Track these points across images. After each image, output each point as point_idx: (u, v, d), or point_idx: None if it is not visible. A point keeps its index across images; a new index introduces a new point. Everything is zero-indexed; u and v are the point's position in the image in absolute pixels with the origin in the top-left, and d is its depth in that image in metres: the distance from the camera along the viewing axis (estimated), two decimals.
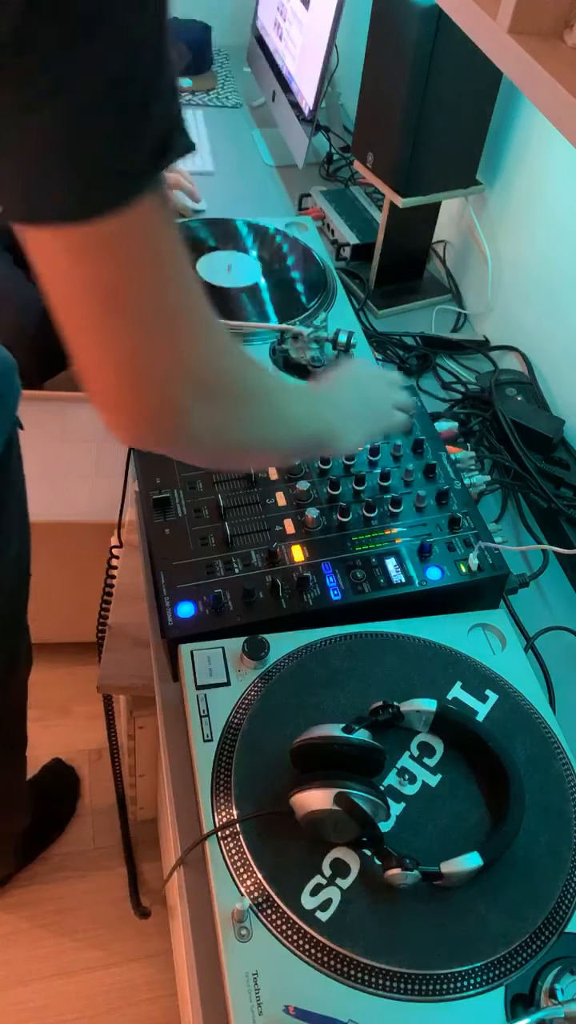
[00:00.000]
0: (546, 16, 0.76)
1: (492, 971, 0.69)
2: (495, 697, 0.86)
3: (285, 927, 0.70)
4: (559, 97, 0.71)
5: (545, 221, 1.34)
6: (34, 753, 1.81)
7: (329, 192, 1.73)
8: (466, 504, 1.02)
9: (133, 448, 1.08)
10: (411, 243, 1.54)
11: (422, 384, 1.39)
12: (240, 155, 1.90)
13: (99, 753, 1.83)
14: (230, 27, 2.24)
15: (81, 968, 1.56)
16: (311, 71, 1.65)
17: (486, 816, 0.78)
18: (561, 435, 1.24)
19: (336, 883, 0.72)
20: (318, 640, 0.89)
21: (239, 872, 0.73)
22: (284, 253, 1.40)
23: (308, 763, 0.75)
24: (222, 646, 0.88)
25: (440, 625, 0.92)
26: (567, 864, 0.75)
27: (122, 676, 1.38)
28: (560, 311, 1.31)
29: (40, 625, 1.88)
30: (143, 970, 1.57)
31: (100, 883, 1.66)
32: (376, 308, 1.52)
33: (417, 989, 0.68)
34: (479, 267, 1.53)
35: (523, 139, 1.38)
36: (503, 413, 1.24)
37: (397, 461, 1.06)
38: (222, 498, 1.00)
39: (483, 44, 0.82)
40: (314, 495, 1.02)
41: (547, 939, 0.72)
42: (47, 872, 1.66)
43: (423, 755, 0.81)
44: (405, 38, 1.25)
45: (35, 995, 1.53)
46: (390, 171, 1.38)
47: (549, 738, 0.84)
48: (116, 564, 1.44)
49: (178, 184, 1.61)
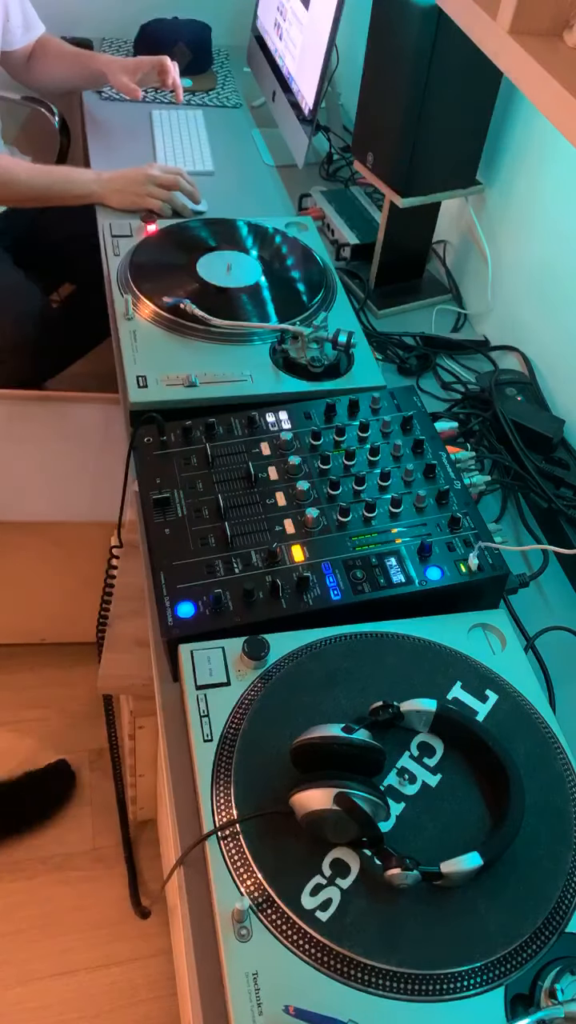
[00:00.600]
0: (546, 16, 0.76)
1: (492, 971, 0.69)
2: (495, 697, 0.86)
3: (285, 927, 0.70)
4: (559, 97, 0.71)
5: (545, 221, 1.34)
6: (35, 754, 1.82)
7: (329, 192, 1.73)
8: (466, 504, 1.02)
9: (133, 448, 1.08)
10: (411, 243, 1.54)
11: (422, 384, 1.39)
12: (240, 155, 1.90)
13: (99, 753, 1.83)
14: (230, 27, 2.24)
15: (81, 968, 1.56)
16: (311, 71, 1.65)
17: (486, 816, 0.78)
18: (561, 435, 1.24)
19: (336, 883, 0.72)
20: (318, 640, 0.89)
21: (239, 872, 0.73)
22: (284, 253, 1.40)
23: (308, 763, 0.75)
24: (222, 646, 0.88)
25: (440, 625, 0.92)
26: (567, 864, 0.75)
27: (122, 676, 1.38)
28: (560, 311, 1.31)
29: (40, 625, 1.90)
30: (143, 970, 1.57)
31: (100, 883, 1.66)
32: (376, 308, 1.52)
33: (417, 989, 0.68)
34: (479, 267, 1.53)
35: (523, 139, 1.38)
36: (503, 413, 1.24)
37: (397, 461, 1.06)
38: (222, 498, 1.00)
39: (483, 44, 0.82)
40: (314, 495, 1.02)
41: (547, 939, 0.72)
42: (47, 872, 1.66)
43: (423, 755, 0.81)
44: (405, 38, 1.25)
45: (35, 995, 1.53)
46: (390, 171, 1.38)
47: (549, 738, 0.84)
48: (116, 564, 1.44)
49: (178, 185, 1.61)
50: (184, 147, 1.86)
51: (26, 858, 1.68)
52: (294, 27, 1.77)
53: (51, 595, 1.82)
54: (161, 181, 1.61)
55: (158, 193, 1.60)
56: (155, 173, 1.61)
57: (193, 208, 1.66)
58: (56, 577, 1.76)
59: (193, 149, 1.86)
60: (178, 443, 1.07)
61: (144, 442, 1.07)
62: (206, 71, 2.14)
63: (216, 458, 1.05)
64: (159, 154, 1.83)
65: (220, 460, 1.05)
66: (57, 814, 1.73)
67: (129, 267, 1.31)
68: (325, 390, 1.17)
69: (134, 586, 1.44)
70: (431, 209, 1.50)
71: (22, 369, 1.85)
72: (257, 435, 1.08)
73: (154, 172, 1.61)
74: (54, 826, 1.72)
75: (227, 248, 1.39)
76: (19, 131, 2.28)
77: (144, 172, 1.61)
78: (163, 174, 1.61)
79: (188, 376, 1.15)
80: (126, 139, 1.88)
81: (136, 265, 1.32)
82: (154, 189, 1.60)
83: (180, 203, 1.61)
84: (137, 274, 1.29)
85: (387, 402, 1.13)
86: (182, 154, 1.84)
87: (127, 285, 1.28)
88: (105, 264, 1.38)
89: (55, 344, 1.89)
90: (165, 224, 1.44)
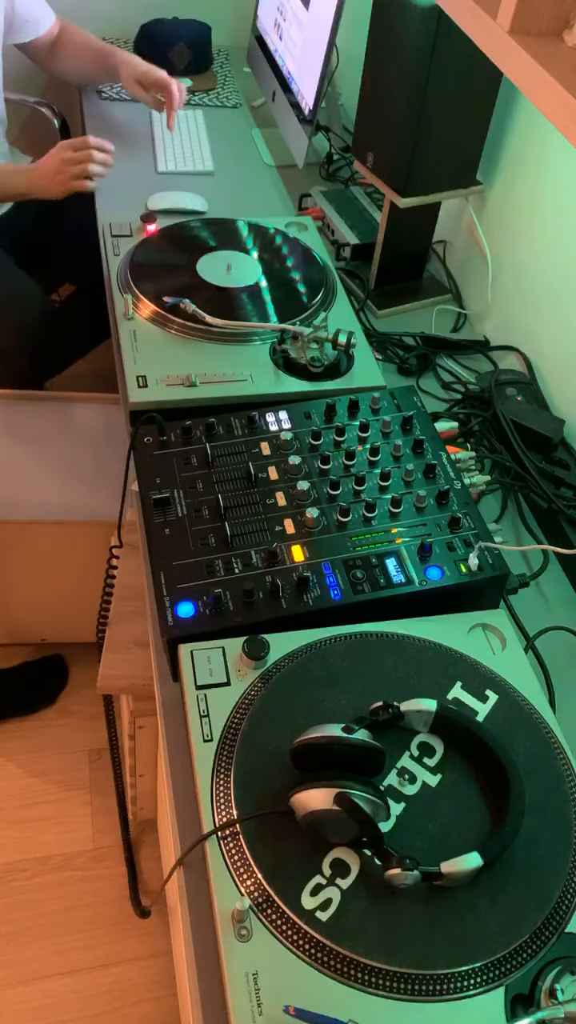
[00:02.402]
0: (546, 16, 0.76)
1: (492, 971, 0.69)
2: (495, 697, 0.86)
3: (285, 927, 0.70)
4: (559, 97, 0.71)
5: (545, 221, 1.34)
6: (35, 754, 1.82)
7: (329, 192, 1.73)
8: (466, 504, 1.02)
9: (133, 448, 1.08)
10: (411, 243, 1.54)
11: (422, 384, 1.39)
12: (240, 155, 1.90)
13: (99, 753, 1.83)
14: (230, 27, 2.24)
15: (81, 968, 1.56)
16: (311, 71, 1.65)
17: (486, 816, 0.78)
18: (561, 435, 1.24)
19: (336, 883, 0.72)
20: (318, 640, 0.89)
21: (239, 872, 0.73)
22: (284, 253, 1.40)
23: (308, 763, 0.75)
24: (222, 646, 0.88)
25: (440, 625, 0.92)
26: (567, 864, 0.75)
27: (122, 676, 1.38)
28: (560, 311, 1.31)
29: (40, 625, 1.90)
30: (143, 970, 1.57)
31: (100, 883, 1.66)
32: (376, 308, 1.52)
33: (417, 989, 0.68)
34: (479, 267, 1.53)
35: (523, 139, 1.38)
36: (503, 413, 1.24)
37: (397, 461, 1.06)
38: (222, 498, 1.00)
39: (483, 44, 0.82)
40: (314, 495, 1.02)
41: (547, 939, 0.72)
42: (47, 872, 1.67)
43: (423, 755, 0.81)
44: (405, 38, 1.25)
45: (35, 995, 1.53)
46: (390, 171, 1.38)
47: (549, 738, 0.84)
48: (116, 564, 1.44)
49: (90, 157, 1.63)
50: (184, 147, 1.86)
51: (26, 858, 1.68)
52: (294, 27, 1.77)
53: (51, 595, 1.82)
54: (76, 159, 1.64)
55: (78, 171, 1.63)
56: (68, 155, 1.64)
57: (193, 208, 1.66)
58: (56, 577, 1.76)
59: (193, 149, 1.86)
60: (178, 443, 1.07)
61: (144, 442, 1.07)
62: (206, 71, 2.14)
63: (216, 458, 1.05)
64: (159, 154, 1.83)
65: (220, 460, 1.05)
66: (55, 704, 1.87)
67: (129, 267, 1.31)
68: (325, 390, 1.17)
69: (134, 586, 1.44)
70: (431, 209, 1.50)
71: (23, 369, 1.85)
72: (257, 435, 1.08)
73: (67, 155, 1.64)
74: (54, 826, 1.73)
75: (227, 248, 1.39)
76: (19, 131, 2.28)
77: (58, 158, 1.65)
78: (75, 152, 1.64)
79: (188, 376, 1.15)
80: (126, 139, 1.88)
81: (136, 265, 1.32)
82: (73, 168, 1.63)
83: (99, 171, 1.65)
84: (137, 274, 1.29)
85: (387, 402, 1.13)
86: (182, 154, 1.84)
87: (127, 285, 1.28)
88: (105, 264, 1.38)
89: (55, 344, 1.89)
90: (165, 224, 1.44)
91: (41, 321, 1.84)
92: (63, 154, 1.64)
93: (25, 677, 1.90)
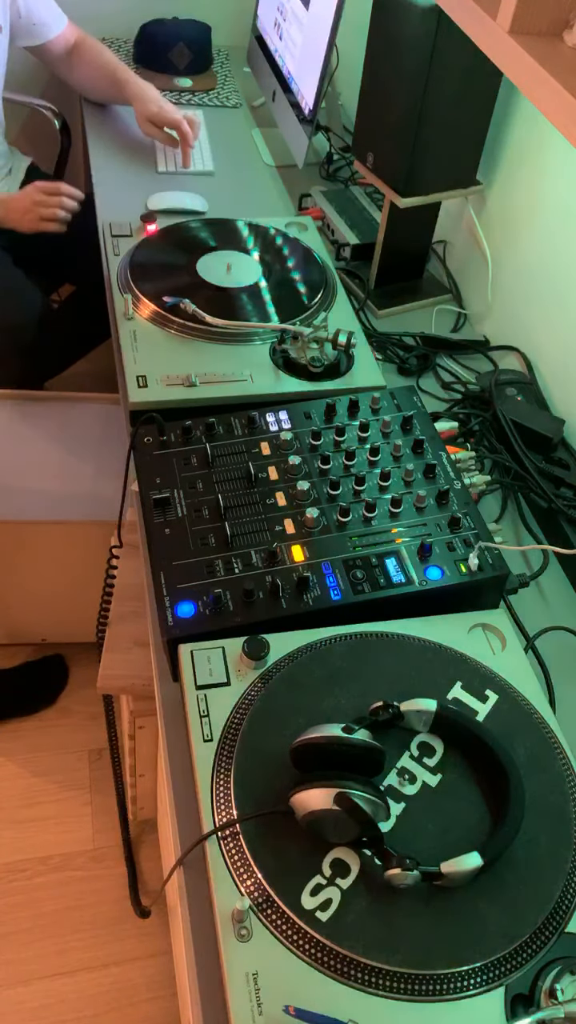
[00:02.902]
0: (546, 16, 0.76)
1: (492, 971, 0.69)
2: (495, 697, 0.86)
3: (285, 927, 0.70)
4: (559, 97, 0.71)
5: (545, 221, 1.34)
6: (35, 754, 1.82)
7: (329, 192, 1.73)
8: (466, 504, 1.02)
9: (133, 448, 1.08)
10: (411, 243, 1.54)
11: (422, 384, 1.39)
12: (240, 155, 1.90)
13: (99, 753, 1.83)
14: (230, 27, 2.24)
15: (81, 968, 1.56)
16: (311, 71, 1.65)
17: (486, 816, 0.78)
18: (561, 435, 1.24)
19: (336, 883, 0.72)
20: (318, 640, 0.89)
21: (239, 872, 0.73)
22: (284, 253, 1.40)
23: (308, 763, 0.75)
24: (222, 646, 0.88)
25: (440, 625, 0.92)
26: (567, 864, 0.75)
27: (122, 676, 1.38)
28: (560, 311, 1.31)
29: (40, 625, 1.90)
30: (143, 970, 1.57)
31: (100, 883, 1.66)
32: (376, 308, 1.52)
33: (417, 989, 0.68)
34: (479, 267, 1.53)
35: (523, 139, 1.38)
36: (503, 413, 1.24)
37: (397, 461, 1.06)
38: (222, 498, 1.00)
39: (483, 44, 0.82)
40: (314, 495, 1.02)
41: (547, 939, 0.72)
42: (47, 872, 1.67)
43: (423, 755, 0.81)
44: (405, 38, 1.25)
45: (35, 995, 1.53)
46: (390, 171, 1.38)
47: (549, 738, 0.84)
48: (116, 564, 1.44)
49: (60, 204, 1.68)
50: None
51: (26, 858, 1.68)
52: (294, 27, 1.77)
53: (51, 595, 1.82)
54: (47, 203, 1.69)
55: (48, 214, 1.69)
56: (40, 198, 1.70)
57: (193, 208, 1.66)
58: (56, 577, 1.76)
59: (193, 149, 1.86)
60: (178, 443, 1.07)
61: (144, 442, 1.07)
62: (206, 71, 2.14)
63: (216, 458, 1.05)
64: (159, 154, 1.83)
65: (220, 460, 1.05)
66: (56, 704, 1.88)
67: (129, 267, 1.31)
68: (325, 390, 1.17)
69: (134, 586, 1.44)
70: (431, 209, 1.50)
71: (22, 369, 1.85)
72: (257, 435, 1.08)
73: (39, 197, 1.70)
74: (54, 826, 1.73)
75: (227, 248, 1.39)
76: (20, 131, 2.28)
77: (31, 198, 1.70)
78: (47, 196, 1.70)
79: (188, 376, 1.15)
80: (126, 140, 1.88)
81: (136, 265, 1.32)
82: (43, 211, 1.69)
83: (66, 217, 1.70)
84: (137, 274, 1.29)
85: (387, 402, 1.13)
86: (182, 154, 1.84)
87: (127, 285, 1.28)
88: (105, 264, 1.38)
89: (55, 344, 1.89)
90: (165, 224, 1.44)
91: (40, 321, 1.84)
92: (36, 195, 1.70)
93: (25, 677, 1.90)
